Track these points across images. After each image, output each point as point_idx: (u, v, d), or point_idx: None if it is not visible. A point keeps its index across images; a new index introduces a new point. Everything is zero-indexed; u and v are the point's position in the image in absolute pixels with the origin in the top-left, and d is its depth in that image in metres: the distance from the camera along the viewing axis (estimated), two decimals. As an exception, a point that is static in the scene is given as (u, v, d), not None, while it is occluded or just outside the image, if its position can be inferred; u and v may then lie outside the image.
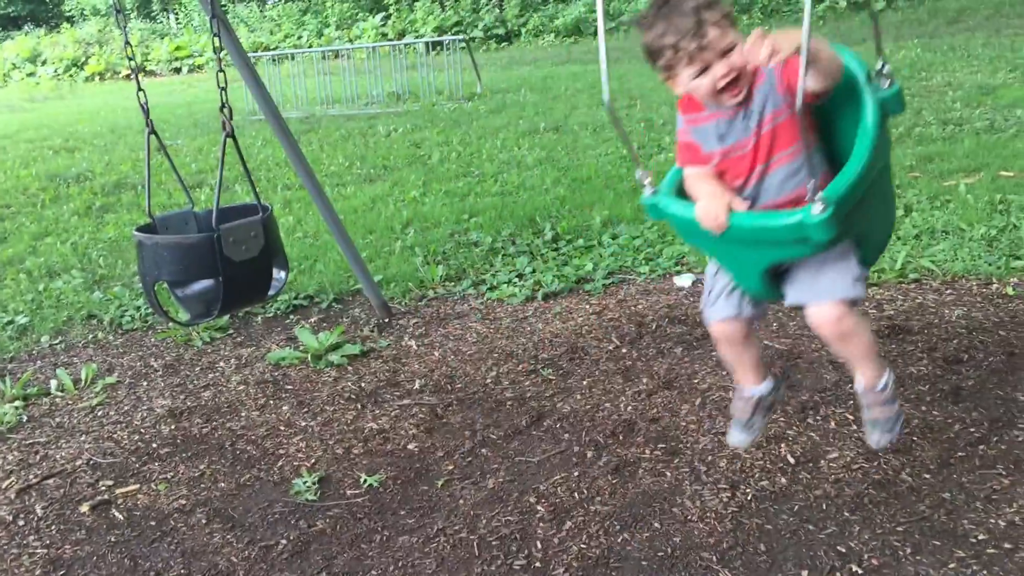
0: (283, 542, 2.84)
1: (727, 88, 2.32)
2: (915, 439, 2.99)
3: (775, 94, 2.33)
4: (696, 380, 3.57)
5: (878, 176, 2.32)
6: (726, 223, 2.28)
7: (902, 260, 4.45)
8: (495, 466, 3.13)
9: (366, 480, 3.11)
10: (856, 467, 2.87)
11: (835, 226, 2.13)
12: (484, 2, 23.36)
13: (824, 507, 2.70)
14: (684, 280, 4.67)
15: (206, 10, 3.24)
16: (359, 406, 3.69)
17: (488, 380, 3.80)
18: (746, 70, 2.32)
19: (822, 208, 2.11)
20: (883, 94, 2.32)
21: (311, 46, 22.21)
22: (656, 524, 2.71)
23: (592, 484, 2.94)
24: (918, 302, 4.09)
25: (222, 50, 3.16)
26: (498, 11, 22.94)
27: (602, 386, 3.62)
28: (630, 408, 3.41)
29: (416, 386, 3.82)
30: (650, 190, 2.52)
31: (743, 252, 2.38)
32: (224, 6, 25.76)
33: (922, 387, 3.32)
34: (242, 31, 25.43)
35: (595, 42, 19.23)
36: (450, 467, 3.16)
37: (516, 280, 4.94)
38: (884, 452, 2.92)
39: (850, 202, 2.17)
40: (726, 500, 2.78)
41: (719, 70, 2.28)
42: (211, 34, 3.14)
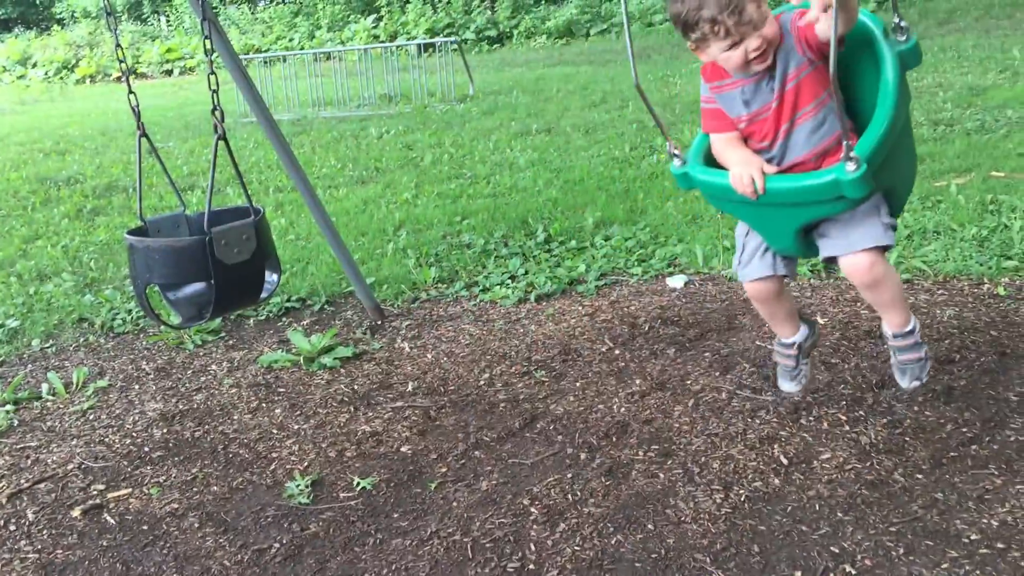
0: (276, 546, 2.83)
1: (757, 58, 2.36)
2: (907, 439, 3.00)
3: (795, 53, 2.38)
4: (689, 381, 3.57)
5: (902, 128, 2.37)
6: (763, 188, 2.33)
7: (894, 260, 4.46)
8: (488, 468, 3.13)
9: (359, 483, 3.11)
10: (849, 468, 2.88)
11: (869, 182, 2.19)
12: (476, 4, 23.36)
13: (817, 508, 2.70)
14: (676, 281, 4.67)
15: (197, 12, 3.23)
16: (352, 409, 3.69)
17: (481, 382, 3.79)
18: (774, 40, 2.37)
19: (855, 166, 2.16)
20: (901, 48, 2.37)
21: (303, 48, 22.19)
22: (650, 526, 2.71)
23: (585, 486, 2.94)
24: (910, 302, 4.09)
25: (213, 52, 3.15)
26: (490, 13, 22.95)
27: (595, 388, 3.62)
28: (623, 410, 3.41)
29: (409, 388, 3.82)
30: (679, 161, 2.56)
31: (778, 214, 2.43)
32: (215, 8, 25.72)
33: (914, 387, 3.33)
34: (233, 33, 25.39)
35: (587, 43, 19.30)
36: (443, 469, 3.15)
37: (509, 282, 4.94)
38: (877, 452, 2.93)
39: (880, 157, 2.23)
40: (719, 501, 2.78)
41: (752, 43, 2.33)
42: (202, 36, 3.13)
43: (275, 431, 3.57)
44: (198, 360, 4.38)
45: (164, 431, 3.67)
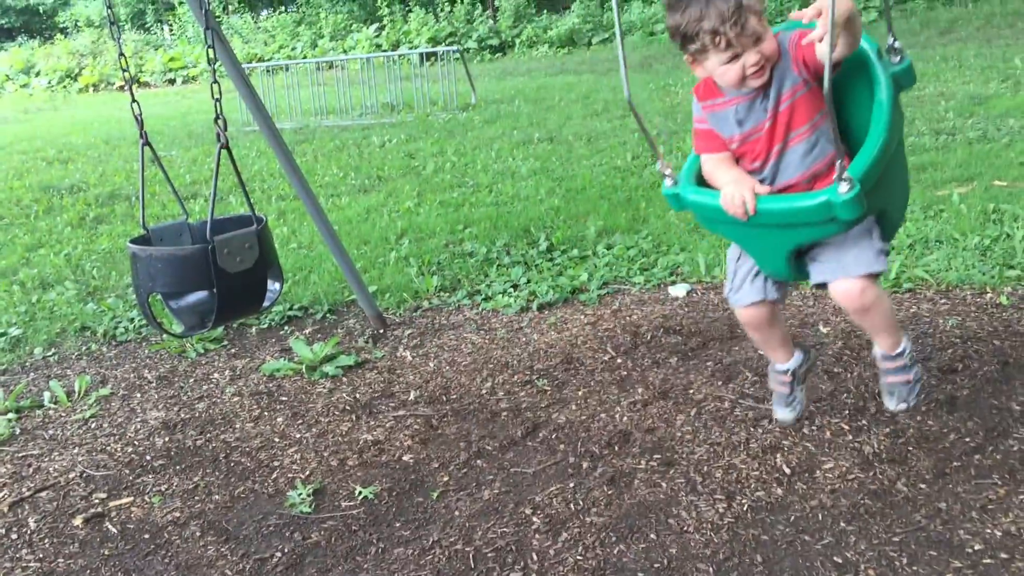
0: (278, 555, 2.82)
1: (754, 74, 2.33)
2: (910, 449, 2.99)
3: (791, 72, 2.35)
4: (691, 390, 3.57)
5: (895, 150, 2.35)
6: (753, 209, 2.29)
7: (896, 270, 4.46)
8: (490, 477, 3.12)
9: (361, 492, 3.10)
10: (852, 477, 2.87)
11: (862, 204, 2.15)
12: (478, 13, 23.42)
13: (820, 517, 2.70)
14: (679, 290, 4.67)
15: (200, 22, 3.24)
16: (354, 417, 3.68)
17: (483, 391, 3.79)
18: (773, 58, 2.34)
19: (848, 187, 2.12)
20: (895, 69, 2.36)
21: (305, 57, 22.25)
22: (652, 535, 2.70)
23: (588, 495, 2.94)
24: (912, 312, 4.09)
25: (216, 61, 3.16)
26: (492, 22, 23.01)
27: (597, 397, 3.61)
28: (625, 419, 3.41)
29: (411, 397, 3.82)
30: (671, 181, 2.52)
31: (769, 236, 2.39)
32: (218, 17, 25.78)
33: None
34: (236, 42, 25.46)
35: (589, 52, 19.34)
36: (445, 478, 3.15)
37: (511, 290, 4.94)
38: (880, 462, 2.93)
39: (873, 179, 2.20)
40: (722, 511, 2.77)
41: (751, 58, 2.30)
42: (205, 45, 3.13)
43: (277, 440, 3.57)
44: (200, 368, 4.38)
45: (166, 439, 3.67)
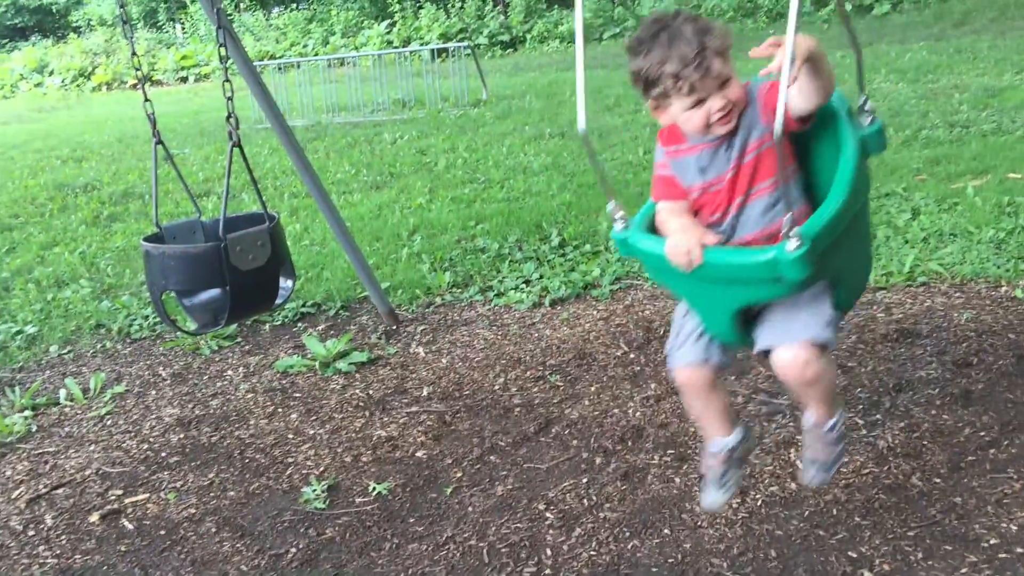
0: (293, 550, 2.84)
1: (720, 120, 2.21)
2: (925, 443, 2.98)
3: (759, 123, 2.22)
4: (704, 385, 3.56)
5: (856, 216, 2.21)
6: (698, 259, 2.14)
7: (910, 263, 4.44)
8: (504, 473, 3.13)
9: (375, 488, 3.11)
10: (866, 472, 2.86)
11: (810, 264, 2.01)
12: (489, 9, 23.40)
13: (834, 512, 2.69)
14: (691, 285, 4.66)
15: (212, 20, 3.25)
16: (367, 414, 3.69)
17: (496, 387, 3.80)
18: (740, 104, 2.22)
19: (797, 244, 1.99)
20: (864, 132, 2.23)
21: (317, 54, 22.27)
22: (666, 530, 2.70)
23: (601, 491, 2.94)
24: (927, 305, 4.07)
25: (228, 59, 3.17)
26: (503, 18, 22.99)
27: (610, 392, 3.61)
28: (638, 414, 3.41)
29: (424, 393, 3.82)
30: (621, 224, 2.37)
31: (714, 292, 2.23)
32: (230, 15, 25.83)
33: (932, 391, 3.31)
34: (248, 40, 25.50)
35: (600, 47, 19.28)
36: (459, 474, 3.16)
37: (523, 286, 4.94)
38: (894, 456, 2.92)
39: (826, 240, 2.05)
40: (736, 506, 2.77)
41: (716, 104, 2.18)
42: (217, 43, 3.15)
43: (291, 436, 3.58)
44: (214, 365, 4.40)
45: (181, 436, 3.69)
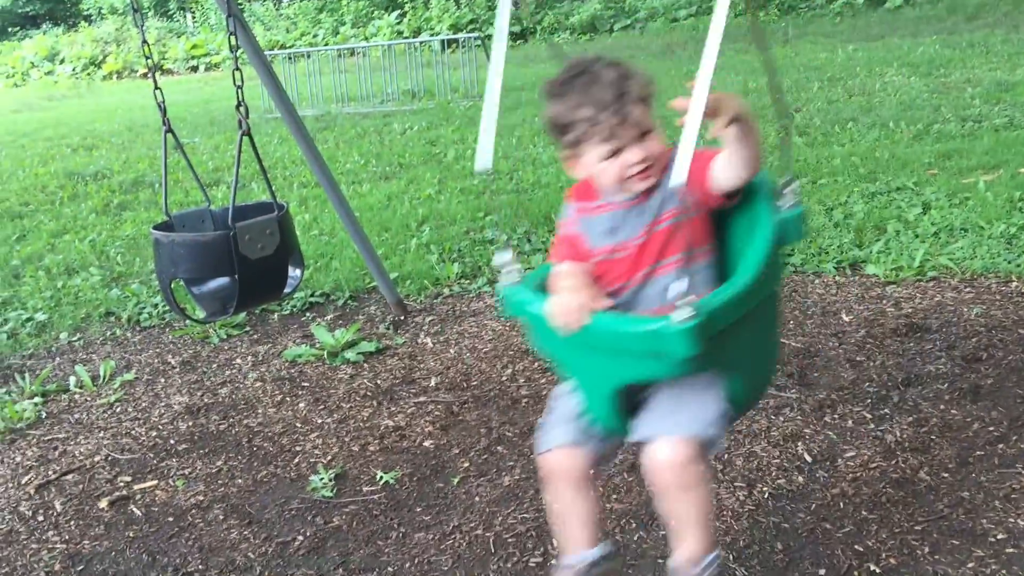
0: (300, 538, 2.85)
1: (638, 174, 2.03)
2: (933, 438, 2.97)
3: (678, 191, 1.98)
4: (712, 378, 3.55)
5: (763, 305, 2.00)
6: (580, 322, 1.90)
7: (920, 258, 4.43)
8: (511, 463, 3.13)
9: (382, 477, 3.12)
10: (874, 466, 2.86)
11: (698, 341, 1.78)
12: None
13: (841, 506, 2.69)
14: (700, 278, 4.64)
15: (222, 8, 3.25)
16: (375, 403, 3.70)
17: (504, 377, 3.80)
18: (660, 157, 2.03)
19: (687, 316, 1.77)
20: (783, 215, 2.03)
21: (327, 44, 22.26)
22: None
23: (608, 482, 2.94)
24: (936, 300, 4.06)
25: (238, 48, 3.17)
26: (513, 8, 22.91)
27: (618, 384, 3.61)
28: (646, 406, 3.40)
29: (432, 383, 3.83)
30: (512, 277, 2.07)
31: (597, 363, 1.99)
32: (240, 4, 25.84)
33: (941, 385, 3.30)
34: (258, 29, 25.52)
35: (611, 39, 19.20)
36: (466, 464, 3.16)
37: (532, 278, 4.93)
38: (902, 451, 2.91)
39: (721, 321, 1.84)
40: (742, 499, 2.77)
41: (633, 155, 2.00)
42: (227, 32, 3.15)
43: (299, 425, 3.59)
44: (223, 354, 4.42)
45: (189, 424, 3.70)
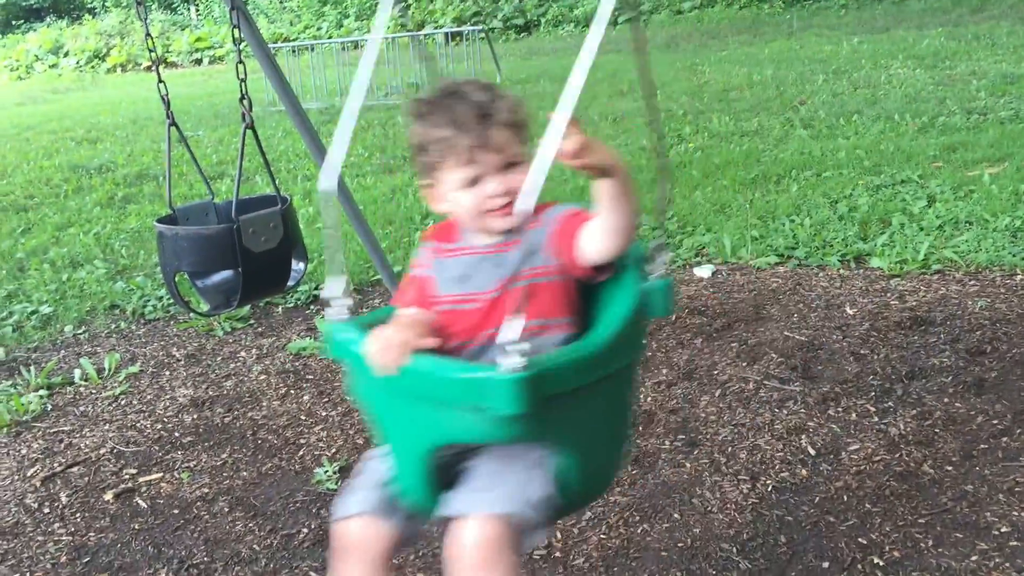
0: (304, 531, 2.85)
1: (498, 209, 1.80)
2: (937, 431, 2.97)
3: (544, 250, 1.83)
4: (716, 371, 3.56)
5: (612, 379, 1.76)
6: (398, 362, 1.65)
7: (925, 251, 4.42)
8: (514, 456, 3.13)
9: (386, 470, 3.12)
10: (877, 459, 2.86)
11: (525, 399, 1.52)
12: (503, -8, 23.29)
13: (845, 499, 2.69)
14: (704, 271, 4.65)
15: (226, 2, 3.24)
16: (379, 396, 3.70)
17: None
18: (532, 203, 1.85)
19: (515, 366, 1.51)
20: (648, 284, 1.82)
21: (331, 37, 22.24)
22: (676, 515, 2.71)
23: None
24: (941, 293, 4.05)
25: (242, 42, 3.17)
26: (517, 1, 22.88)
27: (622, 377, 3.61)
28: (650, 399, 3.41)
29: (436, 376, 3.83)
30: (340, 312, 1.80)
31: (411, 416, 1.72)
32: (244, -3, 25.82)
33: (945, 379, 3.30)
34: (262, 22, 25.50)
35: (615, 32, 19.16)
36: (470, 457, 3.16)
37: (535, 271, 4.93)
38: (906, 444, 2.91)
39: (557, 384, 1.59)
40: (746, 491, 2.77)
41: (493, 186, 1.78)
42: (231, 25, 3.15)
43: (303, 418, 3.60)
44: (227, 347, 4.43)
45: (194, 417, 3.71)
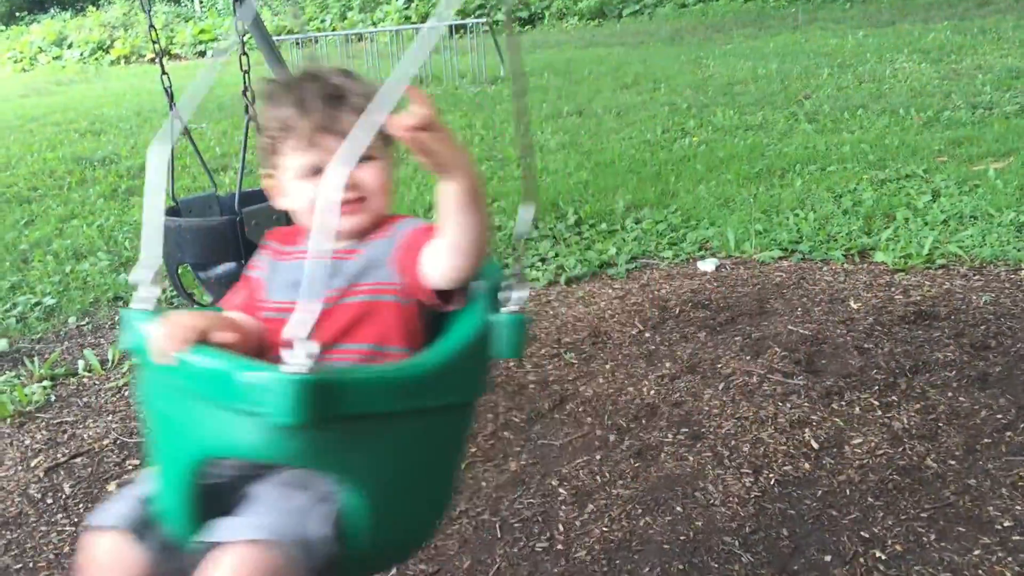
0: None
1: (341, 205, 1.55)
2: (941, 425, 2.97)
3: (388, 264, 1.67)
4: (720, 365, 3.56)
5: (435, 420, 1.56)
6: (177, 349, 1.44)
7: (929, 245, 4.41)
8: (517, 449, 3.14)
9: (389, 462, 3.13)
10: (880, 453, 2.86)
11: (305, 409, 1.31)
12: (507, -15, 23.26)
13: (848, 493, 2.69)
14: (708, 264, 4.64)
15: (230, -7, 3.24)
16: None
17: (511, 363, 3.80)
18: (378, 204, 1.69)
19: (298, 367, 1.30)
20: (499, 318, 1.63)
21: (334, 29, 22.23)
22: (678, 508, 2.71)
23: (614, 468, 2.94)
24: (945, 288, 4.05)
25: (246, 33, 3.17)
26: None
27: (625, 370, 3.61)
28: (653, 392, 3.41)
29: (439, 369, 3.83)
30: (141, 303, 1.60)
31: (183, 417, 1.48)
32: (248, -11, 25.73)
33: (949, 373, 3.29)
34: (265, 14, 25.46)
35: (619, 25, 19.13)
36: (473, 449, 3.17)
37: (539, 264, 4.93)
38: (909, 438, 2.91)
39: (354, 403, 1.39)
40: (749, 485, 2.77)
41: (335, 178, 1.49)
42: (234, 17, 3.14)
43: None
44: (230, 339, 4.42)
45: (197, 408, 3.71)
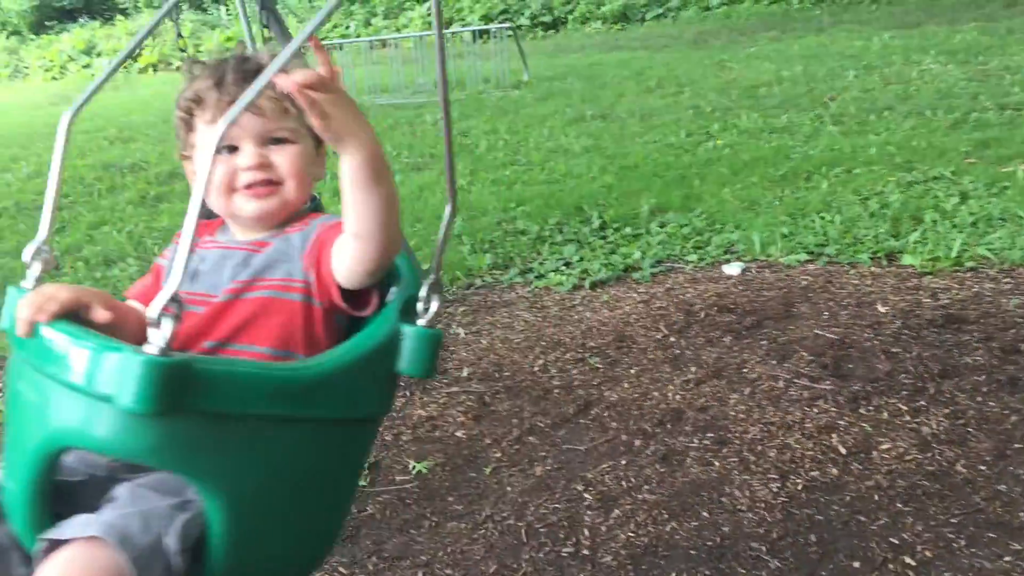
0: (333, 527, 2.87)
1: (250, 186, 1.58)
2: (970, 431, 2.94)
3: (299, 261, 1.57)
4: (745, 369, 3.54)
5: (322, 434, 1.46)
6: (38, 319, 1.33)
7: (957, 248, 4.37)
8: (543, 454, 3.14)
9: (415, 466, 3.14)
10: (909, 458, 2.83)
11: (156, 395, 1.21)
12: (531, -10, 23.27)
13: (876, 498, 2.67)
14: (733, 268, 4.63)
15: (256, 1, 3.28)
16: (407, 393, 3.72)
17: (536, 368, 3.80)
18: (291, 191, 1.60)
19: (160, 350, 1.21)
20: (409, 330, 1.52)
21: (359, 36, 22.35)
22: (704, 513, 2.70)
23: (640, 473, 2.94)
24: (974, 291, 4.01)
25: (271, 40, 3.20)
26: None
27: (650, 375, 3.61)
28: (678, 397, 3.40)
29: (464, 374, 3.84)
30: (32, 283, 1.45)
31: (35, 399, 1.37)
32: (273, -3, 25.97)
33: (978, 377, 3.26)
34: (291, 21, 25.65)
35: (643, 28, 19.11)
36: (498, 454, 3.17)
37: (563, 268, 4.94)
38: (938, 443, 2.88)
39: (217, 397, 1.29)
40: (776, 490, 2.76)
41: (248, 157, 1.54)
42: (260, 25, 3.18)
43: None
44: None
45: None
